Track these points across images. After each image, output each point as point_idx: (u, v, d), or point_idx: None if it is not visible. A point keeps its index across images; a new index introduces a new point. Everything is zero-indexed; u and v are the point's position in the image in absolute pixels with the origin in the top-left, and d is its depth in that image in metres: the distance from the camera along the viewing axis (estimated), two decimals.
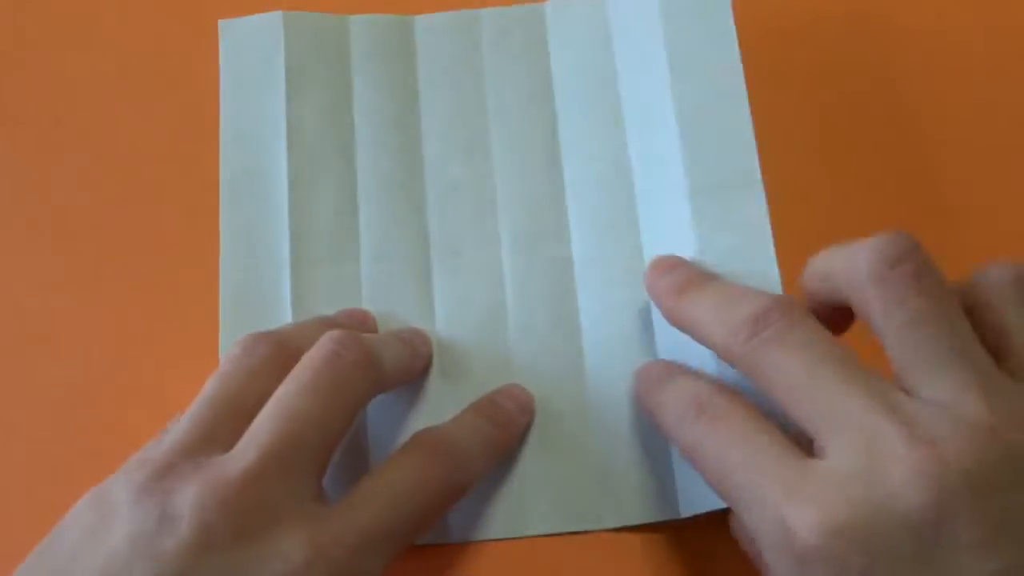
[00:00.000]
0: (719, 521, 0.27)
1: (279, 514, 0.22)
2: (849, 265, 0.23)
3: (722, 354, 0.25)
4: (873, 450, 0.20)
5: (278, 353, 0.26)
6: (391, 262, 0.33)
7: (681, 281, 0.27)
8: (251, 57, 0.35)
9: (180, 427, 0.24)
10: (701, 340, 0.26)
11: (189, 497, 0.21)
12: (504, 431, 0.29)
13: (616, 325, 0.31)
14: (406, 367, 0.29)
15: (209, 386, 0.25)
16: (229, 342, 0.31)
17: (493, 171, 0.34)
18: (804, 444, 0.22)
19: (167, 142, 0.35)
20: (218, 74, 0.35)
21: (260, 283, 0.32)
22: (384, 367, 0.27)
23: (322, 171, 0.34)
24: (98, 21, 0.37)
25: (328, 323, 0.29)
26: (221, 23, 0.35)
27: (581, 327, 0.32)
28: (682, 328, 0.27)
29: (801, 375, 0.22)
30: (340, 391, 0.25)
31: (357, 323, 0.30)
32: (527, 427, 0.30)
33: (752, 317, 0.23)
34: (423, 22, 0.36)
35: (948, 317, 0.22)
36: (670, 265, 0.28)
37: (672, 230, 0.31)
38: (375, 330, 0.31)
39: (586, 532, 0.30)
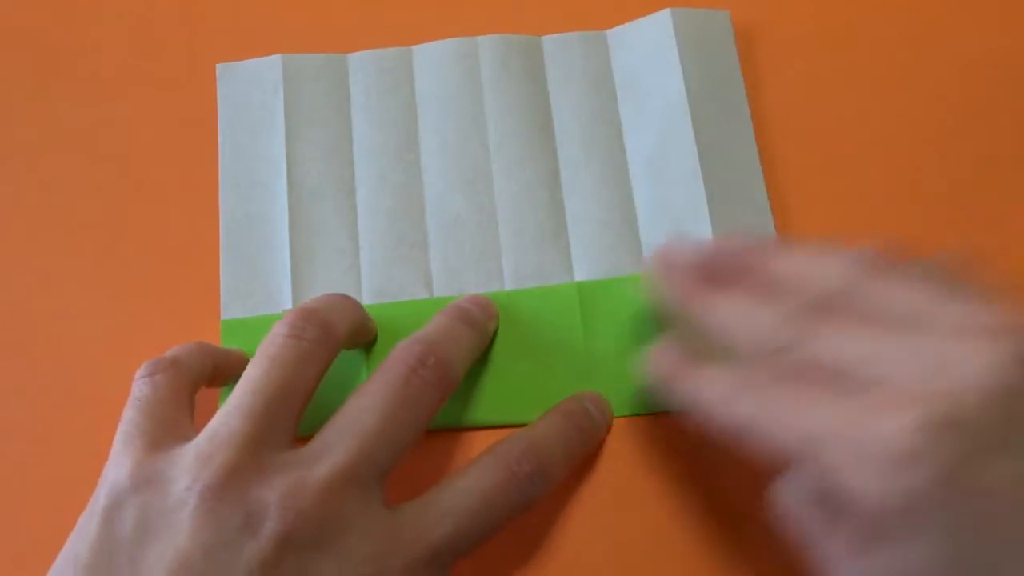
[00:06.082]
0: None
1: (349, 525, 0.22)
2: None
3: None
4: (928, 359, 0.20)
5: (326, 336, 0.25)
6: (394, 300, 0.32)
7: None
8: (249, 101, 0.35)
9: (233, 419, 0.23)
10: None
11: (271, 507, 0.22)
12: (586, 436, 0.28)
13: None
14: (477, 354, 0.29)
15: (258, 371, 0.24)
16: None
17: (495, 205, 0.33)
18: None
19: (168, 142, 0.35)
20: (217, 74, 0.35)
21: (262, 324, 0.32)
22: (458, 375, 0.26)
23: (323, 211, 0.33)
24: (99, 21, 0.37)
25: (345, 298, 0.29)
26: (219, 67, 0.35)
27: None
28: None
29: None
30: (412, 409, 0.24)
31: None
32: (604, 439, 0.29)
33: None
34: (422, 52, 0.35)
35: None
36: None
37: None
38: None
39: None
